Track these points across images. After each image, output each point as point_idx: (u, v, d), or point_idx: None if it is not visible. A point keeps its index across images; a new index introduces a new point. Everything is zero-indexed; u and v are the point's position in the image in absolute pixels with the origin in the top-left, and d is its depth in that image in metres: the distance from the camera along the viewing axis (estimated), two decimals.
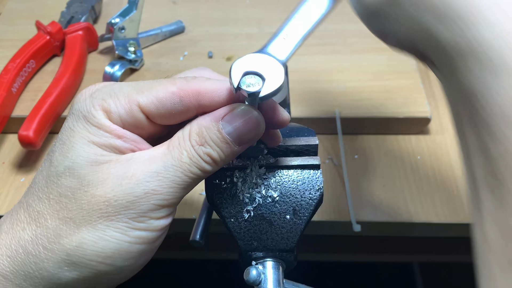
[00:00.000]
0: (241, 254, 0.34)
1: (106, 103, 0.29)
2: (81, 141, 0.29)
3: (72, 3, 0.66)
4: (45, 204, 0.29)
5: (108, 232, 0.28)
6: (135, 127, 0.30)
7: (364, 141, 0.55)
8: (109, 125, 0.29)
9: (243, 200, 0.33)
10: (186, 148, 0.29)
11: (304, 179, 0.34)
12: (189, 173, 0.29)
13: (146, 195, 0.28)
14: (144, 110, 0.29)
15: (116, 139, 0.29)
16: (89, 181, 0.28)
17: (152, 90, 0.29)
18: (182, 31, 0.66)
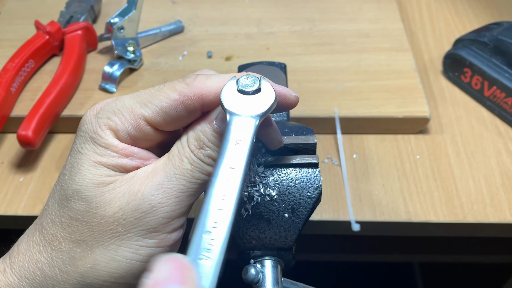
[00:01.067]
0: (240, 252, 0.34)
1: (112, 122, 0.29)
2: (87, 163, 0.29)
3: (71, 3, 0.66)
4: (58, 228, 0.29)
5: (119, 252, 0.28)
6: (144, 140, 0.30)
7: (363, 140, 0.55)
8: (116, 145, 0.29)
9: (242, 199, 0.33)
10: (185, 155, 0.29)
11: (303, 178, 0.34)
12: (193, 178, 0.29)
13: (153, 209, 0.28)
14: (150, 122, 0.29)
15: (123, 158, 0.29)
16: (97, 203, 0.28)
17: (155, 101, 0.29)
18: (181, 31, 0.66)
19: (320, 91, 0.56)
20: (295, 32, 0.65)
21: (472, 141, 0.55)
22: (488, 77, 0.55)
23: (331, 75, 0.58)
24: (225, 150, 0.26)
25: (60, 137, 0.56)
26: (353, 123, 0.54)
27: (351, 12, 0.67)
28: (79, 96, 0.58)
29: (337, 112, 0.54)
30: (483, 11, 0.71)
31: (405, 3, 0.72)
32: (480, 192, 0.50)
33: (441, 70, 0.62)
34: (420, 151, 0.54)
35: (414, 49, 0.65)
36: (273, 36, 0.64)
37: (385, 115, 0.54)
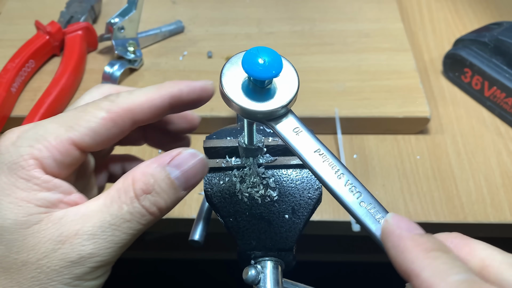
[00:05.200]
0: (240, 253, 0.34)
1: (36, 150, 0.26)
2: (7, 200, 0.26)
3: (71, 3, 0.66)
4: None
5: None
6: (70, 165, 0.28)
7: (363, 140, 0.55)
8: (39, 177, 0.26)
9: (242, 200, 0.33)
10: (126, 202, 0.26)
11: (303, 179, 0.34)
12: (129, 230, 0.26)
13: (80, 259, 0.26)
14: (79, 145, 0.27)
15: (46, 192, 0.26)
16: (18, 247, 0.25)
17: (81, 122, 0.27)
18: (181, 31, 0.66)
19: (320, 91, 0.56)
20: (296, 32, 0.64)
21: (472, 141, 0.55)
22: (489, 77, 0.55)
23: (332, 75, 0.58)
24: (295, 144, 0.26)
25: None
26: (354, 123, 0.54)
27: (352, 12, 0.67)
28: (79, 96, 0.58)
29: (337, 112, 0.54)
30: (483, 11, 0.71)
31: (405, 3, 0.72)
32: (480, 192, 0.50)
33: (441, 70, 0.62)
34: (421, 151, 0.54)
35: (414, 49, 0.65)
36: (273, 36, 0.64)
37: (386, 115, 0.54)
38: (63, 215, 0.26)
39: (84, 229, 0.26)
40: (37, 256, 0.25)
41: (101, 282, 0.28)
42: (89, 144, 0.27)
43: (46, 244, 0.25)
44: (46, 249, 0.25)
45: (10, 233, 0.25)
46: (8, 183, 0.26)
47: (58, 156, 0.27)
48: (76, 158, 0.27)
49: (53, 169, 0.27)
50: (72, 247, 0.25)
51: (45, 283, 0.25)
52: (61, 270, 0.25)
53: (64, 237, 0.25)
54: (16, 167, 0.26)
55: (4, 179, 0.26)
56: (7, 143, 0.27)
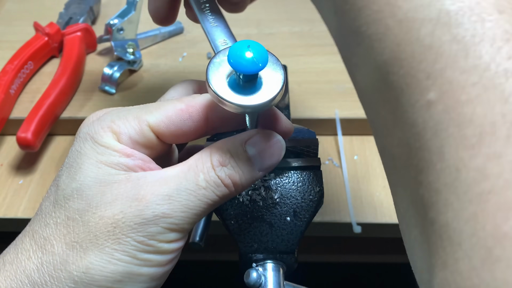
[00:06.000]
0: (242, 256, 0.34)
1: (115, 125, 0.29)
2: (88, 162, 0.28)
3: (70, 4, 0.66)
4: (52, 229, 0.28)
5: (116, 255, 0.27)
6: (144, 147, 0.29)
7: (364, 142, 0.55)
8: (117, 145, 0.28)
9: (243, 202, 0.33)
10: (203, 170, 0.28)
11: (305, 181, 0.34)
12: (204, 197, 0.28)
13: (155, 218, 0.27)
14: (154, 129, 0.29)
15: (125, 158, 0.28)
16: (97, 202, 0.27)
17: (161, 109, 0.29)
18: (181, 32, 0.66)
19: (320, 92, 0.56)
20: (295, 33, 0.64)
21: None
22: None
23: (332, 76, 0.58)
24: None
25: (59, 139, 0.56)
26: (354, 124, 0.54)
27: None
28: (78, 98, 0.58)
29: (337, 113, 0.54)
30: None
31: None
32: None
33: None
34: None
35: None
36: (273, 37, 0.64)
37: None
38: (141, 177, 0.28)
39: (160, 190, 0.27)
40: (114, 211, 0.27)
41: (174, 248, 0.29)
42: (163, 130, 0.29)
43: (123, 200, 0.27)
44: (122, 206, 0.27)
45: (90, 190, 0.27)
46: (90, 149, 0.28)
47: (133, 134, 0.28)
48: (151, 141, 0.29)
49: (128, 144, 0.29)
50: (147, 205, 0.27)
51: (119, 238, 0.27)
52: (135, 226, 0.27)
53: (140, 195, 0.27)
54: (97, 136, 0.28)
55: (87, 145, 0.28)
56: (94, 118, 0.30)
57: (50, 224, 0.28)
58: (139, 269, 0.28)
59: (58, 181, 0.29)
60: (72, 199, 0.28)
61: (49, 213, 0.28)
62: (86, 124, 0.30)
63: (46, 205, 0.29)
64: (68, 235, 0.27)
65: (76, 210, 0.27)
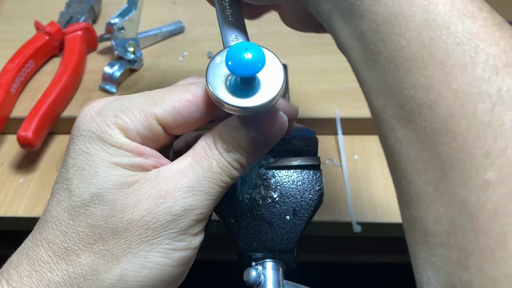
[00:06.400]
0: (241, 255, 0.34)
1: (121, 120, 0.27)
2: (103, 164, 0.26)
3: (71, 3, 0.66)
4: (74, 239, 0.26)
5: (150, 258, 0.26)
6: (152, 140, 0.28)
7: (364, 141, 0.55)
8: (129, 143, 0.27)
9: (243, 201, 0.33)
10: (214, 157, 0.28)
11: (304, 180, 0.34)
12: (221, 182, 0.28)
13: (185, 212, 0.27)
14: (161, 122, 0.28)
15: (138, 157, 0.27)
16: (122, 205, 0.26)
17: (166, 100, 0.28)
18: (181, 31, 0.66)
19: (321, 92, 0.56)
20: (296, 33, 0.64)
21: None
22: None
23: (332, 75, 0.58)
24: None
25: (60, 138, 0.56)
26: (354, 124, 0.54)
27: None
28: (79, 97, 0.58)
29: (338, 112, 0.54)
30: None
31: None
32: None
33: None
34: None
35: None
36: (273, 37, 0.64)
37: None
38: (157, 173, 0.27)
39: (182, 183, 0.27)
40: (142, 212, 0.26)
41: (200, 240, 0.29)
42: (170, 123, 0.28)
43: (148, 200, 0.26)
44: (149, 205, 0.26)
45: (112, 194, 0.26)
46: (100, 150, 0.27)
47: (141, 129, 0.27)
48: (159, 134, 0.28)
49: (137, 140, 0.27)
50: (175, 200, 0.26)
51: (152, 239, 0.26)
52: (166, 224, 0.26)
53: (164, 192, 0.27)
54: (105, 135, 0.27)
55: (96, 146, 0.27)
56: (92, 112, 0.28)
57: (69, 234, 0.26)
58: (172, 270, 0.27)
59: (70, 186, 0.27)
60: (93, 205, 0.26)
61: (65, 221, 0.26)
62: (86, 120, 0.28)
63: (58, 211, 0.27)
64: (95, 243, 0.26)
65: (100, 217, 0.26)
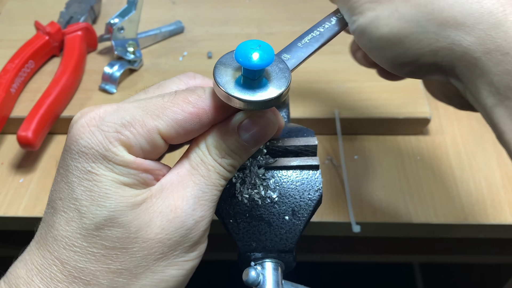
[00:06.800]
0: (240, 255, 0.34)
1: (124, 136, 0.26)
2: (113, 186, 0.26)
3: (71, 3, 0.66)
4: (90, 260, 0.26)
5: (167, 272, 0.27)
6: (154, 153, 0.28)
7: (363, 141, 0.55)
8: (134, 161, 0.27)
9: (242, 201, 0.33)
10: (211, 164, 0.28)
11: (303, 180, 0.34)
12: (219, 186, 0.29)
13: (196, 224, 0.28)
14: (163, 135, 0.27)
15: (144, 173, 0.27)
16: (136, 226, 0.26)
17: (168, 112, 0.27)
18: (181, 31, 0.66)
19: (320, 92, 0.56)
20: (296, 33, 0.64)
21: (472, 142, 0.55)
22: None
23: (332, 75, 0.58)
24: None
25: (60, 138, 0.56)
26: (354, 124, 0.54)
27: None
28: (79, 96, 0.58)
29: (337, 113, 0.54)
30: None
31: None
32: (480, 193, 0.50)
33: None
34: (421, 152, 0.54)
35: None
36: (273, 37, 0.64)
37: (386, 116, 0.54)
38: (161, 188, 0.28)
39: (188, 194, 0.27)
40: (155, 230, 0.27)
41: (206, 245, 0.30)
42: (172, 136, 0.28)
43: (159, 217, 0.27)
44: (161, 222, 0.27)
45: (125, 215, 0.26)
46: (106, 169, 0.26)
47: (144, 144, 0.27)
48: (161, 148, 0.28)
49: (140, 155, 0.27)
50: (185, 214, 0.27)
51: (168, 254, 0.27)
52: (180, 239, 0.27)
53: (173, 206, 0.27)
54: (109, 154, 0.26)
55: (101, 166, 0.26)
56: (91, 126, 0.27)
57: (84, 255, 0.26)
58: (185, 279, 0.29)
59: (79, 207, 0.26)
60: (107, 228, 0.26)
61: (78, 243, 0.26)
62: (85, 135, 0.27)
63: (69, 232, 0.27)
64: (113, 264, 0.26)
65: (116, 239, 0.26)
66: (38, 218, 0.50)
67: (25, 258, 0.28)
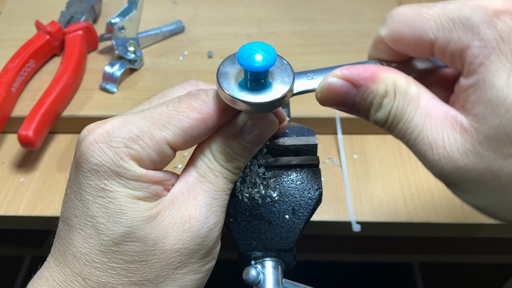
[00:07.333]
0: (240, 253, 0.34)
1: (133, 150, 0.27)
2: (128, 202, 0.27)
3: (71, 3, 0.66)
4: (111, 274, 0.27)
5: (186, 278, 0.28)
6: (163, 163, 0.28)
7: (363, 141, 0.55)
8: (145, 174, 0.27)
9: (242, 200, 0.33)
10: (217, 169, 0.29)
11: (303, 179, 0.34)
12: (228, 190, 0.30)
13: (210, 231, 0.28)
14: (172, 145, 0.28)
15: (155, 186, 0.28)
16: (153, 239, 0.27)
17: (174, 121, 0.27)
18: (181, 31, 0.66)
19: None
20: (296, 32, 0.64)
21: None
22: None
23: None
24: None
25: (60, 137, 0.56)
26: (354, 123, 0.54)
27: (351, 12, 0.67)
28: (79, 96, 0.58)
29: (337, 112, 0.54)
30: None
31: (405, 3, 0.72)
32: None
33: None
34: None
35: None
36: (273, 36, 0.64)
37: None
38: (172, 198, 0.28)
39: (199, 203, 0.28)
40: (172, 241, 0.27)
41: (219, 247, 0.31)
42: (180, 144, 0.28)
43: (175, 228, 0.27)
44: (177, 233, 0.27)
45: (141, 230, 0.27)
46: (119, 185, 0.27)
47: (154, 156, 0.27)
48: (170, 157, 0.28)
49: (150, 167, 0.28)
50: (200, 223, 0.28)
51: (186, 262, 0.28)
52: (197, 247, 0.28)
53: (187, 216, 0.28)
54: (121, 171, 0.26)
55: (114, 182, 0.27)
56: (100, 143, 0.27)
57: (105, 270, 0.27)
58: (203, 280, 0.30)
59: (96, 224, 0.27)
60: (125, 243, 0.27)
61: (98, 259, 0.27)
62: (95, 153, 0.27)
63: (88, 249, 0.27)
64: (134, 276, 0.27)
65: (135, 253, 0.27)
66: (39, 217, 0.50)
67: (45, 275, 0.28)
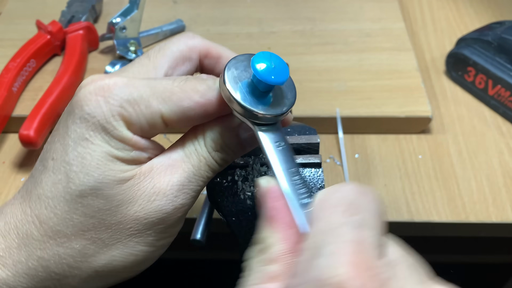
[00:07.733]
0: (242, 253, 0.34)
1: (127, 113, 0.27)
2: (105, 158, 0.27)
3: (72, 3, 0.66)
4: (67, 224, 0.27)
5: (137, 247, 0.28)
6: (151, 134, 0.29)
7: (365, 140, 0.55)
8: (131, 138, 0.27)
9: (245, 199, 0.33)
10: (203, 155, 0.29)
11: (305, 178, 0.34)
12: (206, 178, 0.29)
13: (174, 210, 0.28)
14: (165, 120, 0.28)
15: (138, 151, 0.28)
16: (118, 201, 0.27)
17: (174, 98, 0.27)
18: (182, 30, 0.66)
19: (321, 91, 0.56)
20: (297, 32, 0.64)
21: (474, 140, 0.55)
22: (492, 75, 0.55)
23: (333, 74, 0.58)
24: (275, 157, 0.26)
25: None
26: (355, 123, 0.54)
27: (352, 11, 0.67)
28: None
29: (338, 112, 0.54)
30: (484, 11, 0.71)
31: (406, 3, 0.72)
32: (482, 192, 0.50)
33: (443, 69, 0.62)
34: (422, 151, 0.54)
35: (415, 49, 0.65)
36: (274, 36, 0.64)
37: (387, 114, 0.54)
38: (150, 167, 0.28)
39: (174, 180, 0.28)
40: (135, 208, 0.27)
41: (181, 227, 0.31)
42: (173, 121, 0.28)
43: (142, 196, 0.28)
44: (142, 201, 0.28)
45: (110, 189, 0.27)
46: (103, 140, 0.27)
47: (145, 124, 0.28)
48: (160, 129, 0.28)
49: (138, 133, 0.28)
50: (167, 199, 0.28)
51: (142, 232, 0.28)
52: (157, 221, 0.28)
53: (157, 189, 0.28)
54: (109, 127, 0.27)
55: (99, 136, 0.27)
56: (99, 95, 0.27)
57: (64, 219, 0.27)
58: (154, 255, 0.30)
59: (68, 172, 0.27)
60: (90, 197, 0.27)
61: (60, 206, 0.27)
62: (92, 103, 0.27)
63: (54, 193, 0.27)
64: (88, 232, 0.27)
65: (96, 209, 0.27)
66: None
67: (6, 211, 0.29)
